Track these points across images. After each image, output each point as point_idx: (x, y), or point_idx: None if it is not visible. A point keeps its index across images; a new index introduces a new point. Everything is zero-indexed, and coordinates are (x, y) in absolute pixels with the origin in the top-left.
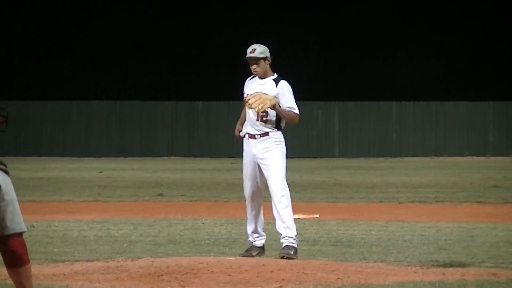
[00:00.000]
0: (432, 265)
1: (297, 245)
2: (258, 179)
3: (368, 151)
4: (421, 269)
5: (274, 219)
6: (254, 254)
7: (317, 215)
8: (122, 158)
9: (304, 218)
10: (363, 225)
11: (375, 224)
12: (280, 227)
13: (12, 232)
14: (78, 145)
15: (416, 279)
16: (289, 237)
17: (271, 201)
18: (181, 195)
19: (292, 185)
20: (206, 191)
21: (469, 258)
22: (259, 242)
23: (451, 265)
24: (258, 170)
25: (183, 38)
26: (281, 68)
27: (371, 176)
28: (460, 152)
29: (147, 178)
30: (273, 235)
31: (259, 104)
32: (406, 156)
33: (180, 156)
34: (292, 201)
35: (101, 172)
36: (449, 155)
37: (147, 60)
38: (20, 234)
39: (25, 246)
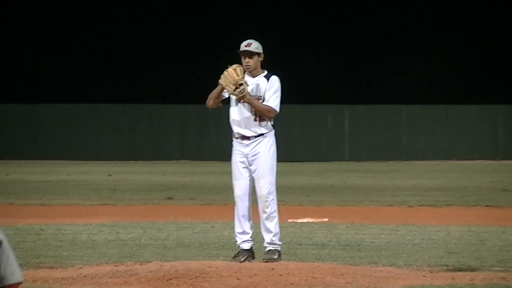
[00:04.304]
0: (442, 269)
1: (281, 248)
2: (247, 180)
3: (378, 154)
4: (431, 273)
5: (260, 221)
6: (242, 259)
7: (326, 219)
8: (131, 161)
9: (313, 222)
10: (372, 228)
11: (384, 227)
12: (264, 231)
13: (15, 281)
14: (87, 148)
15: (426, 283)
16: (273, 242)
17: (257, 204)
18: (191, 199)
19: (302, 189)
20: (216, 194)
21: (478, 262)
22: (246, 245)
23: (460, 269)
24: (248, 170)
25: (193, 41)
26: (291, 70)
27: (381, 179)
28: (470, 155)
29: (156, 181)
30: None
31: (225, 83)
32: (416, 159)
33: (189, 159)
34: (301, 204)
35: (110, 175)
36: (459, 159)
37: (157, 63)
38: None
39: None
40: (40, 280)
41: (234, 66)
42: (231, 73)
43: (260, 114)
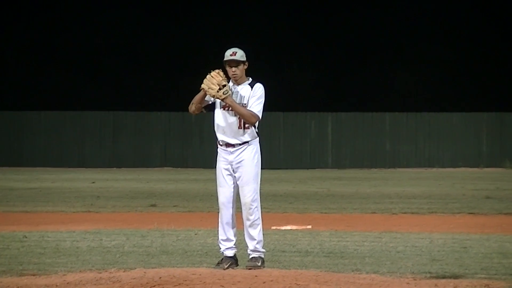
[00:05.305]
0: (425, 276)
1: (264, 255)
2: (232, 187)
3: (361, 162)
4: (414, 280)
5: (243, 229)
6: (225, 266)
7: (309, 226)
8: (115, 168)
9: (297, 229)
10: (356, 236)
11: (368, 235)
12: (248, 238)
13: None
14: (71, 156)
15: None
16: (256, 249)
17: (241, 211)
18: (174, 206)
19: (285, 196)
20: (199, 201)
21: (462, 269)
22: (230, 252)
23: (444, 276)
24: (232, 177)
25: (177, 49)
26: (275, 78)
27: (364, 187)
28: (453, 163)
29: (140, 188)
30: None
31: (207, 86)
32: (400, 167)
33: (173, 167)
34: (285, 212)
35: (94, 182)
36: (443, 166)
37: (140, 70)
38: None
39: None
40: (23, 287)
41: (217, 70)
42: (214, 76)
43: (242, 118)
